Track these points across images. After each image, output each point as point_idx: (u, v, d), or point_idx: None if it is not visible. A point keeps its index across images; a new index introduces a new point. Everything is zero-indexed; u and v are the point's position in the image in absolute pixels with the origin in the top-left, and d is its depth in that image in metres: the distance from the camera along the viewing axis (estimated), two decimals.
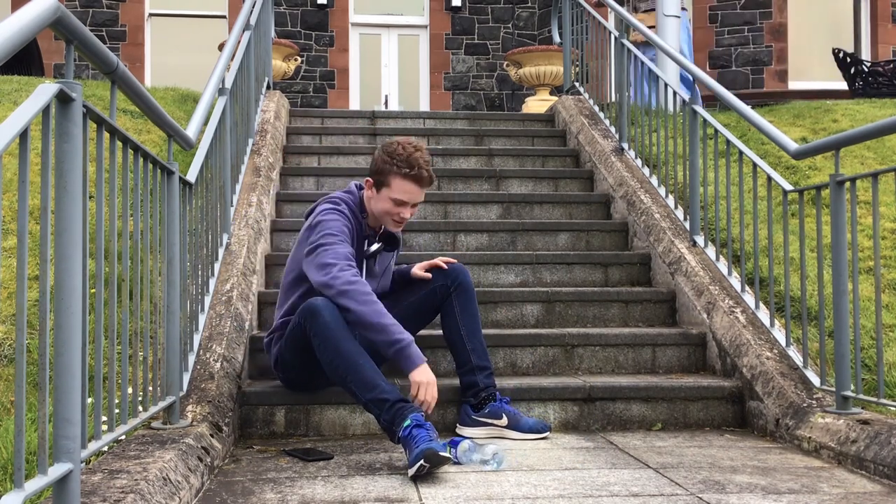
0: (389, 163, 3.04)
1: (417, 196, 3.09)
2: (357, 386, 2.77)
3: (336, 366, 2.80)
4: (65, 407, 1.70)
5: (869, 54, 12.06)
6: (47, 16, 1.65)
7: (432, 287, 3.26)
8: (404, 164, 3.02)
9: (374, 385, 2.74)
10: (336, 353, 2.79)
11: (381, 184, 3.07)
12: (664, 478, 2.53)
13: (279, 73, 8.21)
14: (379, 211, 3.11)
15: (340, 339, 2.79)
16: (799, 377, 3.25)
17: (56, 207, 1.73)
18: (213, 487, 2.42)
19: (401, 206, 3.07)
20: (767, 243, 3.75)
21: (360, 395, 2.77)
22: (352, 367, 2.77)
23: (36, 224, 3.58)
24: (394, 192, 3.05)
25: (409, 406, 2.70)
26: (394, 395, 2.73)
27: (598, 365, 3.80)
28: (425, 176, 3.05)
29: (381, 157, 3.08)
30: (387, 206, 3.08)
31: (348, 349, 2.78)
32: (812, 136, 5.94)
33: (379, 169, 3.08)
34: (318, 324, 2.81)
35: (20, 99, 5.37)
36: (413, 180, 3.04)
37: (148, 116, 2.59)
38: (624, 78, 5.63)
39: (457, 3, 12.82)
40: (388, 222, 3.14)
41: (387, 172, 3.05)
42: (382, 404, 2.72)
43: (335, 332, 2.79)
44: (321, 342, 2.82)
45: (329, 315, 2.81)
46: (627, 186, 5.08)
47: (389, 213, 3.09)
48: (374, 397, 2.73)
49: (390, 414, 2.69)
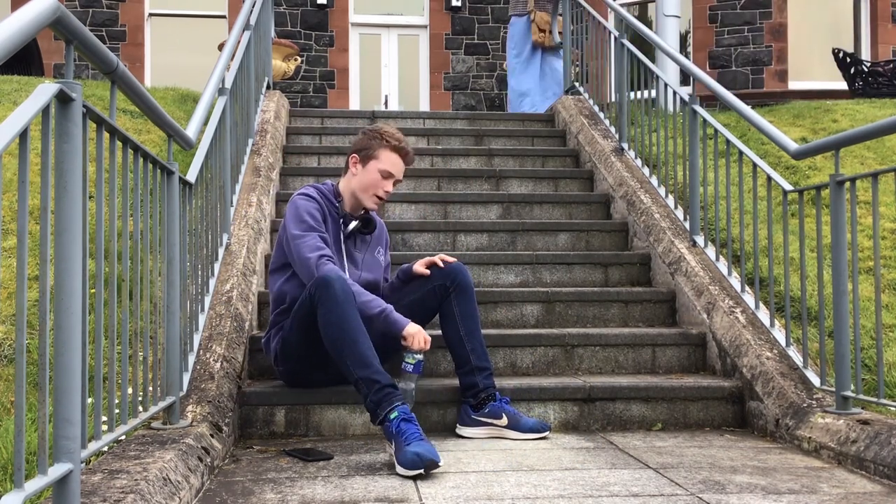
0: (378, 138, 3.28)
1: (400, 171, 3.32)
2: (352, 360, 2.79)
3: (335, 338, 2.83)
4: (65, 407, 1.70)
5: (869, 54, 12.06)
6: (47, 16, 1.65)
7: (431, 287, 3.26)
8: (392, 138, 3.28)
9: (369, 364, 2.77)
10: (339, 325, 2.82)
11: (369, 157, 3.27)
12: (664, 478, 2.53)
13: (279, 73, 8.22)
14: (364, 185, 3.27)
15: (345, 314, 2.82)
16: (799, 377, 3.25)
17: (56, 207, 1.73)
18: (214, 487, 2.42)
19: (387, 178, 3.27)
20: (767, 243, 3.75)
21: (353, 369, 2.79)
22: (351, 341, 2.80)
23: (36, 224, 3.58)
24: (382, 164, 3.25)
25: (398, 394, 2.74)
26: (385, 380, 2.75)
27: (598, 365, 3.80)
28: (409, 151, 3.33)
29: (367, 134, 3.32)
30: (374, 178, 3.25)
31: (351, 325, 2.81)
32: (812, 136, 5.94)
33: (366, 145, 3.29)
34: (328, 294, 2.85)
35: (20, 99, 5.37)
36: (399, 153, 3.29)
37: (148, 116, 2.59)
38: (624, 78, 5.64)
39: (457, 3, 12.83)
40: (370, 199, 3.28)
41: (375, 147, 3.27)
42: (372, 385, 2.74)
43: (342, 306, 2.83)
44: (326, 311, 2.85)
45: (340, 288, 2.86)
46: (627, 186, 5.08)
47: (375, 185, 3.25)
48: (366, 376, 2.76)
49: (378, 396, 2.72)
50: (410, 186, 5.51)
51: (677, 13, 7.62)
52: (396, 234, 4.76)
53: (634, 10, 12.75)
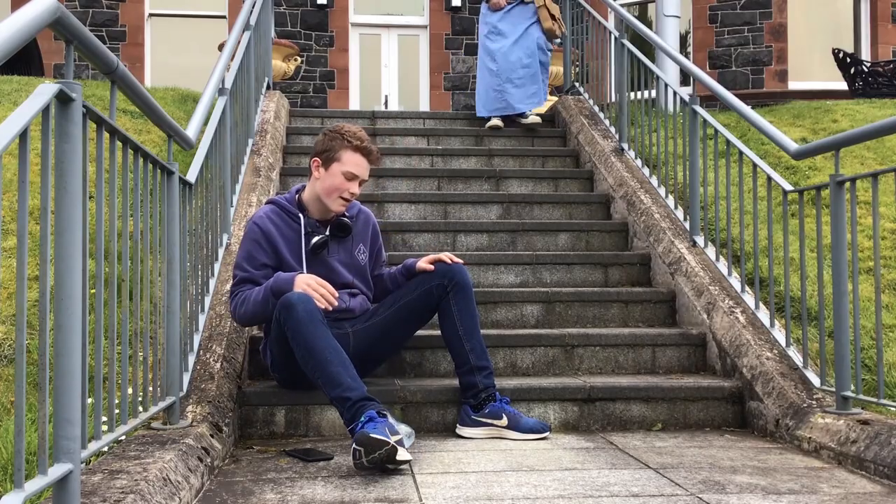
0: (339, 139, 3.18)
1: (365, 171, 3.22)
2: (324, 382, 2.78)
3: (306, 361, 2.82)
4: (65, 407, 1.70)
5: (869, 54, 12.06)
6: (47, 16, 1.65)
7: (429, 286, 3.23)
8: (354, 138, 3.18)
9: (339, 382, 2.74)
10: (306, 348, 2.80)
11: (331, 160, 3.18)
12: (664, 478, 2.53)
13: (279, 73, 8.21)
14: (327, 189, 3.18)
15: (311, 334, 2.79)
16: (799, 377, 3.25)
17: (56, 207, 1.73)
18: (214, 488, 2.42)
19: (351, 180, 3.18)
20: (767, 243, 3.75)
21: (326, 391, 2.78)
22: (320, 362, 2.78)
23: (36, 224, 3.58)
24: (345, 166, 3.16)
25: (369, 404, 2.69)
26: (356, 394, 2.71)
27: (598, 365, 3.80)
28: (373, 150, 3.22)
29: (327, 136, 3.22)
30: (336, 182, 3.17)
31: (318, 345, 2.78)
32: (812, 136, 5.94)
33: (327, 147, 3.21)
34: (291, 318, 2.83)
35: (20, 99, 5.37)
36: (362, 153, 3.18)
37: (148, 116, 2.59)
38: (624, 78, 5.64)
39: (457, 3, 12.82)
40: (335, 202, 3.20)
41: (336, 148, 3.18)
42: (344, 402, 2.72)
43: (306, 327, 2.80)
44: (293, 336, 2.84)
45: (302, 309, 2.82)
46: (627, 187, 5.08)
47: (339, 188, 3.17)
48: (338, 395, 2.73)
49: (351, 413, 2.69)
50: (410, 186, 5.52)
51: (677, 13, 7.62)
52: (396, 235, 4.75)
53: (634, 10, 12.74)
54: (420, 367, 3.65)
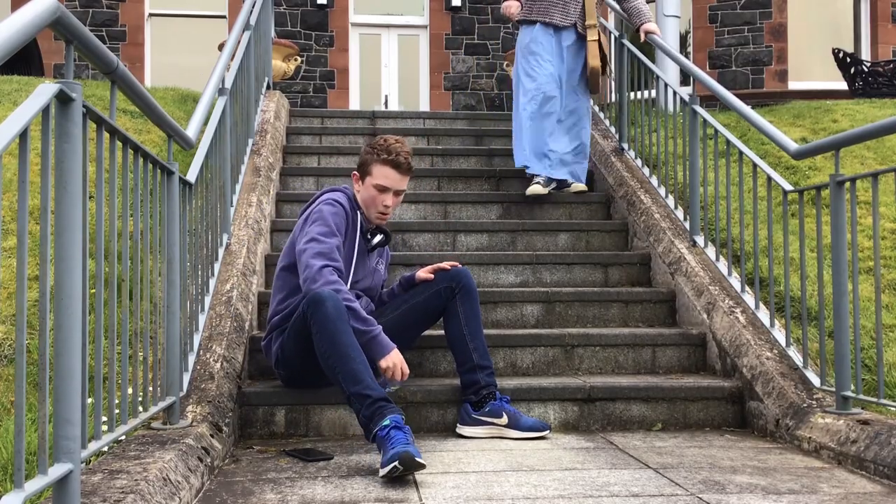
0: (371, 153, 3.25)
1: (397, 182, 3.25)
2: (344, 377, 2.78)
3: (329, 355, 2.83)
4: (65, 407, 1.70)
5: (869, 54, 12.06)
6: (47, 16, 1.65)
7: (437, 289, 3.32)
8: (383, 151, 3.22)
9: (361, 379, 2.76)
10: (331, 343, 2.82)
11: (365, 174, 3.27)
12: (664, 478, 2.53)
13: (279, 73, 8.21)
14: (365, 201, 3.29)
15: (337, 331, 2.82)
16: (799, 377, 3.25)
17: (56, 207, 1.73)
18: (214, 488, 2.42)
19: (383, 192, 3.24)
20: (767, 243, 3.75)
21: (345, 386, 2.78)
22: (343, 358, 2.79)
23: (36, 224, 3.58)
24: (375, 179, 3.23)
25: (391, 406, 2.70)
26: (377, 394, 2.73)
27: (598, 365, 3.80)
28: (403, 161, 3.23)
29: (364, 150, 3.31)
30: (371, 194, 3.25)
31: (343, 341, 2.81)
32: (812, 136, 5.93)
33: (363, 161, 3.29)
34: (320, 313, 2.85)
35: (20, 99, 5.37)
36: (391, 165, 3.22)
37: (148, 116, 2.59)
38: (624, 78, 5.63)
39: (457, 3, 12.81)
40: (374, 214, 3.29)
41: (369, 162, 3.25)
42: (364, 399, 2.72)
43: (334, 324, 2.82)
44: (319, 330, 2.85)
45: (332, 306, 2.85)
46: (627, 186, 5.08)
47: (374, 200, 3.25)
48: (358, 391, 2.74)
49: (370, 410, 2.70)
50: (410, 186, 5.51)
51: (677, 13, 7.62)
52: (396, 235, 4.75)
53: None
54: (420, 368, 3.65)
